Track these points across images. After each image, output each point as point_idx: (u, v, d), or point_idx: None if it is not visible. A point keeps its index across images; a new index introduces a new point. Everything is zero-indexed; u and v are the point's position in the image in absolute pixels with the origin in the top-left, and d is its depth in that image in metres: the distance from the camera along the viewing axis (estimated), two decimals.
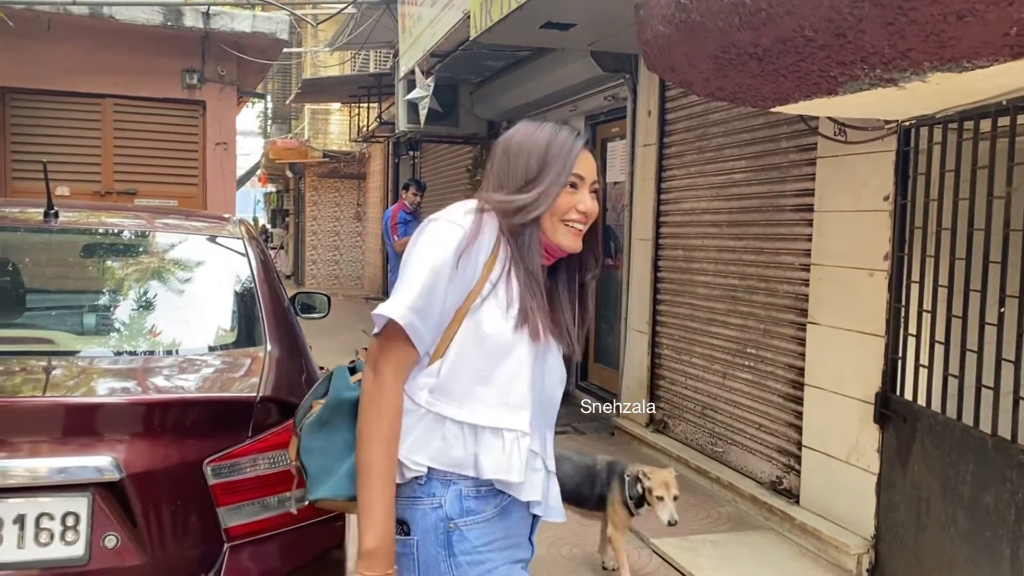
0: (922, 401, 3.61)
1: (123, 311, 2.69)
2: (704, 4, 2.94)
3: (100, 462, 1.90)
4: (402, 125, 9.43)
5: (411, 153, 14.09)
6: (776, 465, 4.81)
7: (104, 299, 2.74)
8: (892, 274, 3.83)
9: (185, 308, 2.66)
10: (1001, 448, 3.12)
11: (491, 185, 1.70)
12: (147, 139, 8.70)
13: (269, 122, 25.31)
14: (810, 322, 4.41)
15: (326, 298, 3.95)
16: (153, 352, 2.40)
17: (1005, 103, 3.02)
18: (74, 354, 2.35)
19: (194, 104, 8.90)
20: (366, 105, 13.83)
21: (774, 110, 3.39)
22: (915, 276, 3.71)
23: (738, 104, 3.86)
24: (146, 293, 2.71)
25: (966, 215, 3.35)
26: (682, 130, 5.81)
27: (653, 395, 6.18)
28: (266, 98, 22.20)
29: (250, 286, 2.63)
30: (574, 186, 1.66)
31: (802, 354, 4.51)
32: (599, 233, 1.77)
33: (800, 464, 4.51)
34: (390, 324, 1.56)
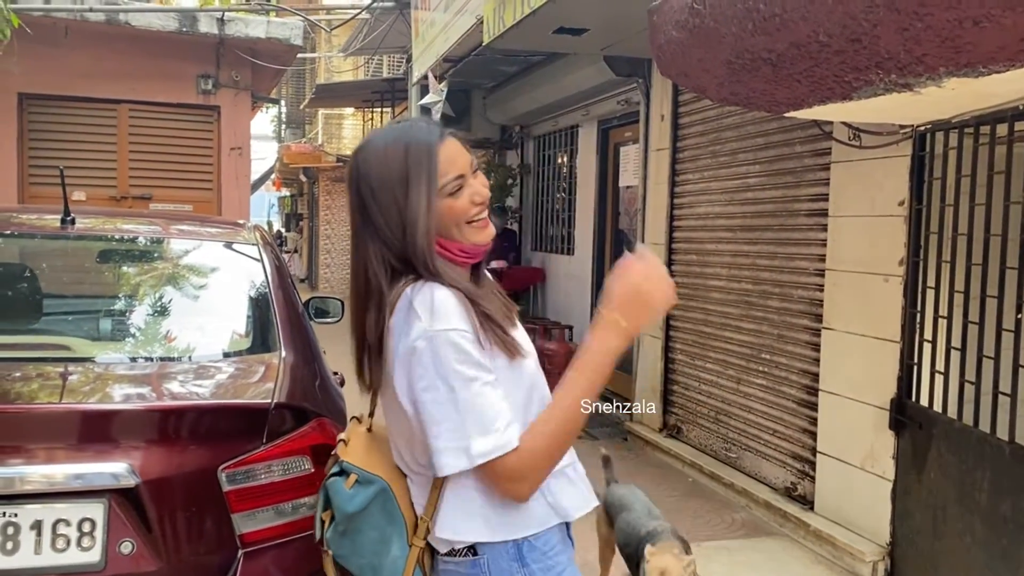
0: (938, 407, 3.59)
1: (139, 317, 2.70)
2: (718, 9, 2.93)
3: (116, 468, 1.92)
4: None
5: None
6: (790, 471, 4.78)
7: (120, 305, 2.76)
8: (907, 279, 3.81)
9: (200, 314, 2.68)
10: (1018, 455, 3.10)
11: (375, 237, 1.51)
12: (162, 144, 8.76)
13: (283, 126, 25.44)
14: (825, 327, 4.39)
15: (340, 302, 3.96)
16: (168, 358, 2.41)
17: (1022, 108, 3.00)
18: (90, 360, 2.37)
19: (209, 109, 8.95)
20: (379, 110, 13.87)
21: (788, 115, 3.38)
22: (931, 282, 3.69)
23: (752, 109, 3.84)
24: (161, 299, 2.73)
25: (982, 220, 3.32)
26: (695, 134, 5.80)
27: (667, 400, 6.16)
28: (280, 103, 22.31)
29: (264, 292, 2.64)
30: (459, 188, 1.51)
31: (817, 359, 4.48)
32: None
33: (815, 470, 4.49)
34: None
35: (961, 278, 3.45)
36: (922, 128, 3.68)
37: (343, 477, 1.60)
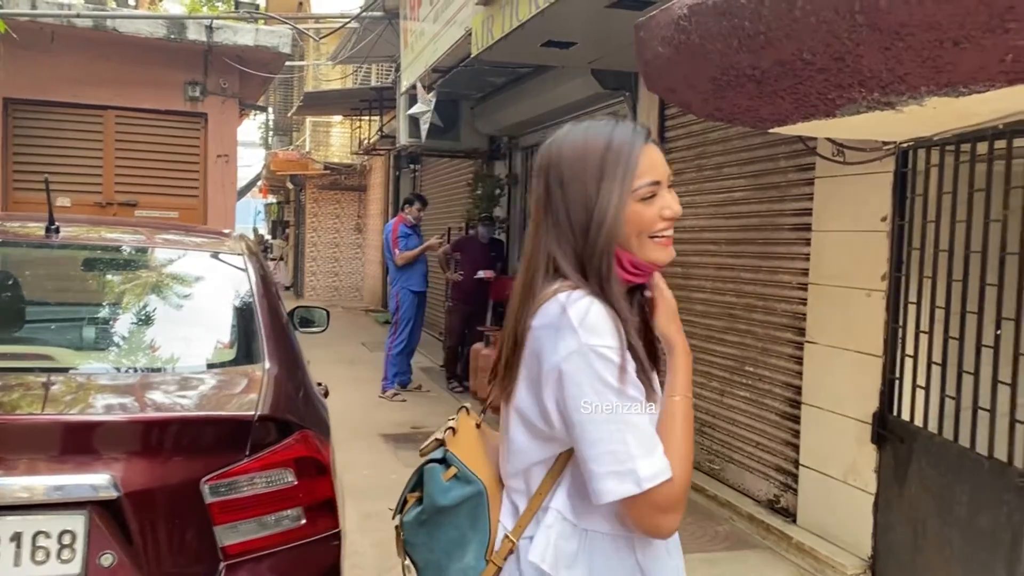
0: (919, 422, 3.62)
1: (122, 327, 2.70)
2: (703, 26, 2.96)
3: (97, 480, 1.91)
4: (403, 139, 9.46)
5: (412, 167, 14.13)
6: (773, 483, 4.80)
7: (103, 315, 2.75)
8: (890, 294, 3.85)
9: (184, 325, 2.67)
10: (998, 470, 3.13)
11: (551, 230, 1.43)
12: (149, 151, 8.73)
13: (270, 133, 25.39)
14: (808, 341, 4.42)
15: (325, 312, 3.96)
16: (151, 369, 2.41)
17: (1001, 127, 3.04)
18: (73, 370, 2.36)
19: (196, 116, 8.93)
20: (367, 118, 13.88)
21: (772, 131, 3.41)
22: (912, 297, 3.72)
23: (737, 125, 3.88)
24: (145, 310, 2.72)
25: (963, 237, 3.36)
26: (681, 148, 5.83)
27: None
28: (268, 110, 22.27)
29: (249, 302, 2.64)
30: (653, 195, 1.41)
31: (800, 373, 4.51)
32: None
33: (797, 483, 4.51)
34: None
35: (942, 294, 3.49)
36: (905, 145, 3.72)
37: (443, 467, 1.53)
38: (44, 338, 2.66)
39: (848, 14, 2.35)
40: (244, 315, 2.59)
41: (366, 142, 14.39)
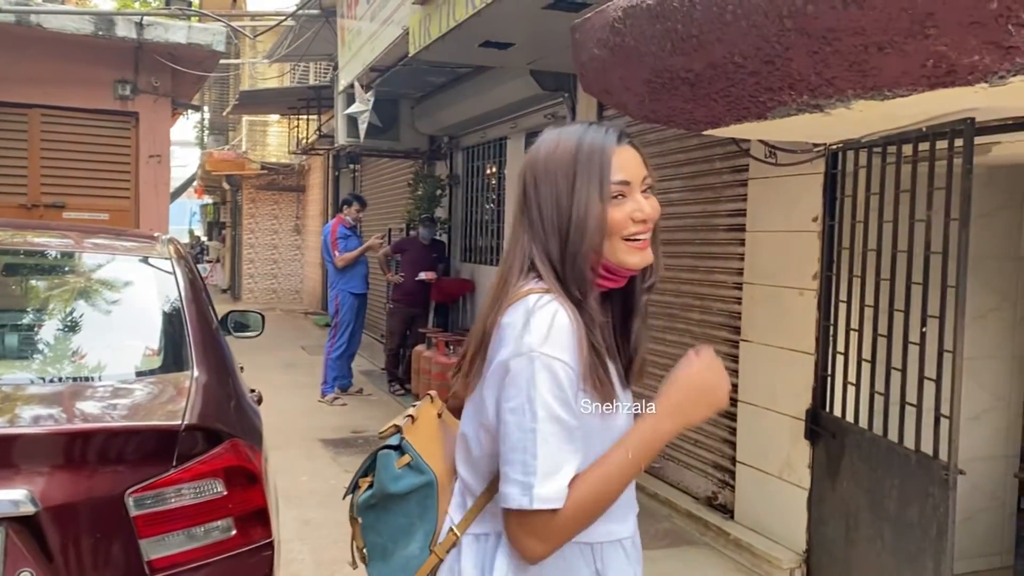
0: (850, 418, 3.70)
1: (45, 335, 2.60)
2: (638, 29, 2.98)
3: (14, 495, 1.83)
4: (342, 139, 9.35)
5: (351, 166, 13.99)
6: (711, 480, 4.87)
7: (26, 322, 2.65)
8: (821, 293, 3.93)
9: (109, 332, 2.59)
10: (924, 464, 3.22)
11: (528, 230, 1.44)
12: (77, 151, 8.44)
13: (206, 133, 24.87)
14: (743, 339, 4.49)
15: (260, 316, 3.88)
16: (74, 378, 2.32)
17: (924, 130, 3.12)
18: None
19: (127, 116, 8.68)
20: (305, 117, 13.69)
21: (707, 133, 3.46)
22: (843, 295, 3.81)
23: (672, 127, 3.92)
24: (70, 316, 2.63)
25: (891, 236, 3.45)
26: None
27: None
28: (202, 109, 21.81)
29: (177, 308, 2.57)
30: (621, 195, 1.41)
31: (735, 371, 4.58)
32: (658, 235, 1.48)
33: (735, 479, 4.58)
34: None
35: (871, 292, 3.58)
36: (834, 147, 3.81)
37: (397, 453, 1.53)
38: None
39: (777, 18, 2.39)
40: (172, 321, 2.52)
41: (304, 142, 14.19)
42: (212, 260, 23.53)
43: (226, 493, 2.03)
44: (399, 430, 1.56)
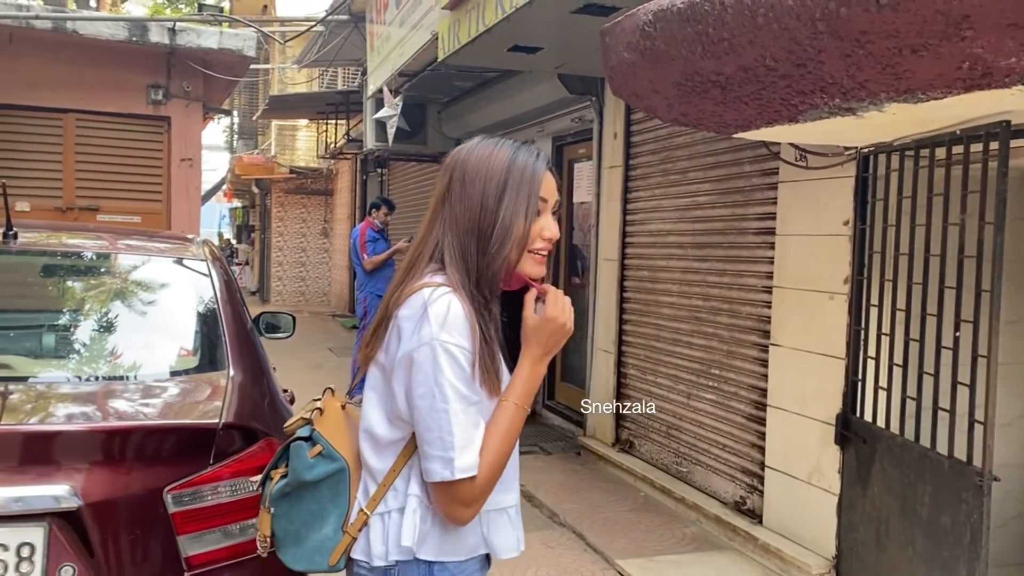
0: (881, 423, 3.67)
1: (83, 335, 2.65)
2: (668, 32, 2.98)
3: (57, 491, 1.88)
4: (370, 143, 9.42)
5: (379, 170, 14.07)
6: (740, 485, 4.85)
7: (63, 323, 2.70)
8: (852, 297, 3.90)
9: (146, 332, 2.63)
10: (957, 470, 3.18)
11: (444, 222, 1.58)
12: (110, 155, 8.58)
13: (235, 137, 25.13)
14: (772, 344, 4.47)
15: (291, 318, 3.93)
16: (113, 377, 2.37)
17: (959, 132, 3.10)
18: (32, 379, 2.32)
19: (159, 120, 8.81)
20: (334, 122, 13.79)
21: (736, 136, 3.45)
22: (874, 300, 3.78)
23: (701, 130, 3.91)
24: (106, 317, 2.68)
25: (923, 241, 3.42)
26: (647, 153, 5.87)
27: (619, 415, 6.20)
28: (232, 113, 22.05)
29: (213, 308, 2.61)
30: (538, 212, 1.59)
31: (765, 375, 4.56)
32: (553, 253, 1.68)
33: (763, 484, 4.55)
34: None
35: (903, 297, 3.55)
36: (866, 150, 3.78)
37: (309, 444, 1.63)
38: (1, 346, 2.61)
39: (809, 21, 2.38)
40: (207, 321, 2.56)
41: (332, 146, 14.30)
42: (241, 263, 23.74)
43: (261, 491, 2.06)
44: (308, 422, 1.67)
